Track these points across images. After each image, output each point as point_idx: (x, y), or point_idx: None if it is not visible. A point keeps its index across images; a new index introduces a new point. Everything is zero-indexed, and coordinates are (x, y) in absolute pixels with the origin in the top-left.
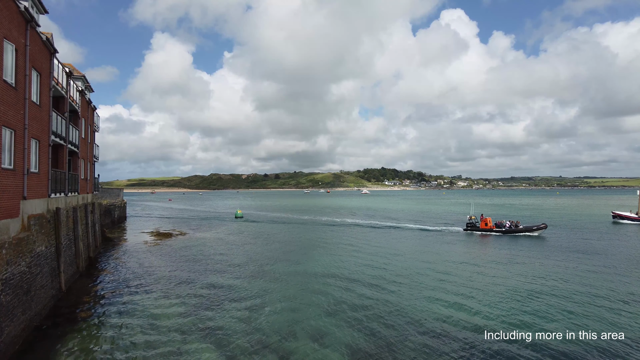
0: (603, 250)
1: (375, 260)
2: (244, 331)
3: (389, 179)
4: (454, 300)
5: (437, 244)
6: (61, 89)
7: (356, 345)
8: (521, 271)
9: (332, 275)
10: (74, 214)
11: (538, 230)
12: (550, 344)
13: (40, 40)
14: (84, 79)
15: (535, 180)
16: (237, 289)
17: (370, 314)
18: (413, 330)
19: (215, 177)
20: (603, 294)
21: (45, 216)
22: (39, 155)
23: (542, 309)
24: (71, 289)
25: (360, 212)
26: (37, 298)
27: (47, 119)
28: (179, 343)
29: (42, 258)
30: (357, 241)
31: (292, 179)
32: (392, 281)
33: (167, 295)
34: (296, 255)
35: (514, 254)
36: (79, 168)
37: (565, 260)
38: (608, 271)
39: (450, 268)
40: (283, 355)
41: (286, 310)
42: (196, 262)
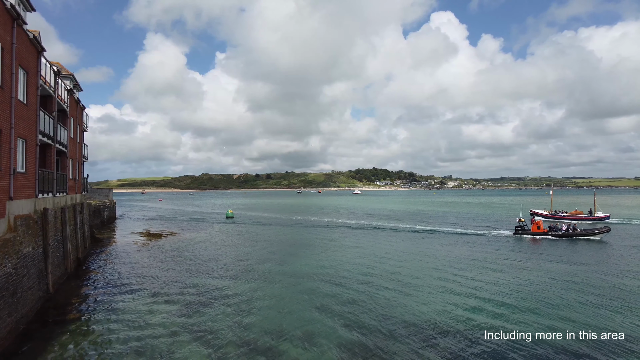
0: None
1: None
2: (233, 332)
3: (380, 179)
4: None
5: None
6: (49, 88)
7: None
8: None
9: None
10: (62, 215)
11: (600, 234)
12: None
13: (27, 38)
14: (72, 77)
15: (525, 180)
16: (227, 290)
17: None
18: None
19: (206, 177)
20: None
21: (33, 217)
22: (26, 155)
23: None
24: (59, 290)
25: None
26: (23, 300)
27: (35, 118)
28: (169, 344)
29: (29, 259)
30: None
31: (283, 179)
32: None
33: (156, 296)
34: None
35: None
36: (67, 168)
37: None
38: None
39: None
40: (273, 356)
41: (280, 310)
42: (186, 263)
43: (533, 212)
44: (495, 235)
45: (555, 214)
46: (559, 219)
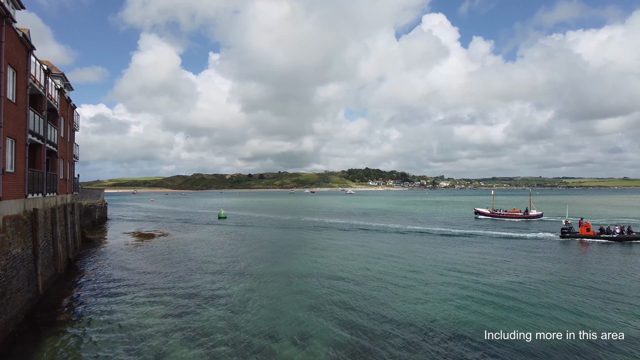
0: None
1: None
2: (226, 332)
3: (373, 179)
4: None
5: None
6: (39, 87)
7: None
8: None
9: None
10: (52, 215)
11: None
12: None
13: (17, 37)
14: (62, 76)
15: (516, 180)
16: (220, 290)
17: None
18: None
19: (198, 177)
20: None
21: (22, 217)
22: (15, 155)
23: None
24: (49, 291)
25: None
26: (12, 302)
27: (24, 117)
28: (160, 345)
29: (19, 260)
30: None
31: (276, 179)
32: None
33: (148, 296)
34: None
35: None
36: (57, 168)
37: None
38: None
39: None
40: (265, 356)
41: (273, 310)
42: (178, 263)
43: (477, 211)
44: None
45: (495, 212)
46: (498, 217)
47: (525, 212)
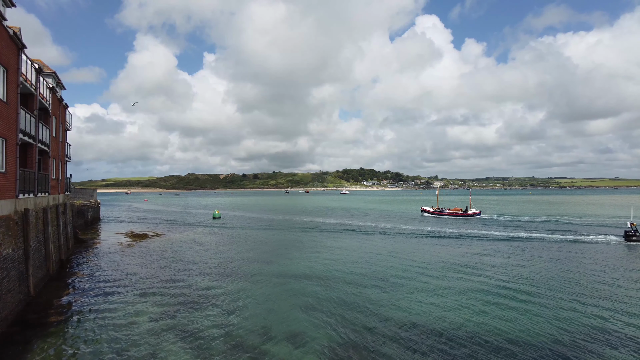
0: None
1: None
2: (220, 332)
3: (367, 179)
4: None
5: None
6: (30, 86)
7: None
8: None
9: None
10: (44, 215)
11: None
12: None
13: (7, 35)
14: (54, 75)
15: (509, 180)
16: (213, 290)
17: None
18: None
19: (192, 177)
20: None
21: (13, 218)
22: (5, 155)
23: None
24: (41, 293)
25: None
26: (3, 303)
27: (15, 116)
28: (153, 346)
29: (9, 261)
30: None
31: (271, 179)
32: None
33: (140, 297)
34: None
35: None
36: (49, 168)
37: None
38: None
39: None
40: (258, 355)
41: (266, 310)
42: (172, 264)
43: (423, 209)
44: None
45: (438, 210)
46: (441, 215)
47: (465, 210)
